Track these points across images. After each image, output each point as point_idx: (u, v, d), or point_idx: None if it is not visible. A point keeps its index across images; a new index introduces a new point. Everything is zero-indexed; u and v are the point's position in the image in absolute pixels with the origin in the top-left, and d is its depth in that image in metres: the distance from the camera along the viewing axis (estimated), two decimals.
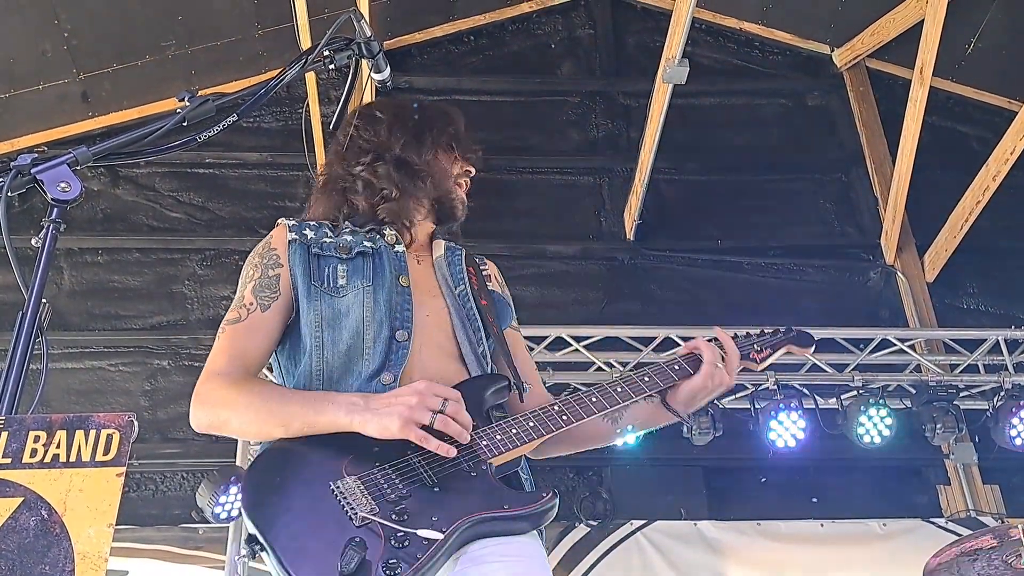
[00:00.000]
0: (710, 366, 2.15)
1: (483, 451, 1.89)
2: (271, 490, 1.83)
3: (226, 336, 2.09)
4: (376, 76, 2.05)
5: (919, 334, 6.23)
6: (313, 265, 2.16)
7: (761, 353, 2.40)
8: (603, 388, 2.10)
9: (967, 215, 6.30)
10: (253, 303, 2.13)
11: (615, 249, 6.71)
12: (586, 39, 7.55)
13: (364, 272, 2.14)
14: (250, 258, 2.23)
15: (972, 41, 6.97)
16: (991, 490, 6.03)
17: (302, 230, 2.23)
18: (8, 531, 1.26)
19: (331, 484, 1.80)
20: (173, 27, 6.27)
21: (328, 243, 2.20)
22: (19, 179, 1.60)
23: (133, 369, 6.19)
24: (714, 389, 2.18)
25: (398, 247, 2.23)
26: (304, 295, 2.13)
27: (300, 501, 1.80)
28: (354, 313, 2.10)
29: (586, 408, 2.05)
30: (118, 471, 1.32)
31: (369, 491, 1.78)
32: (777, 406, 5.60)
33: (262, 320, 2.11)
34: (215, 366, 2.03)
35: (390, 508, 1.75)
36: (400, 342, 2.06)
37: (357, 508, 1.75)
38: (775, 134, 7.36)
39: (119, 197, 6.66)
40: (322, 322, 2.10)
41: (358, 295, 2.11)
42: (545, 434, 1.97)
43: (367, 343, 2.06)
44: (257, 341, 2.10)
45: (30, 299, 1.51)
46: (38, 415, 1.37)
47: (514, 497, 1.85)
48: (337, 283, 2.14)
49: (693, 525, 5.66)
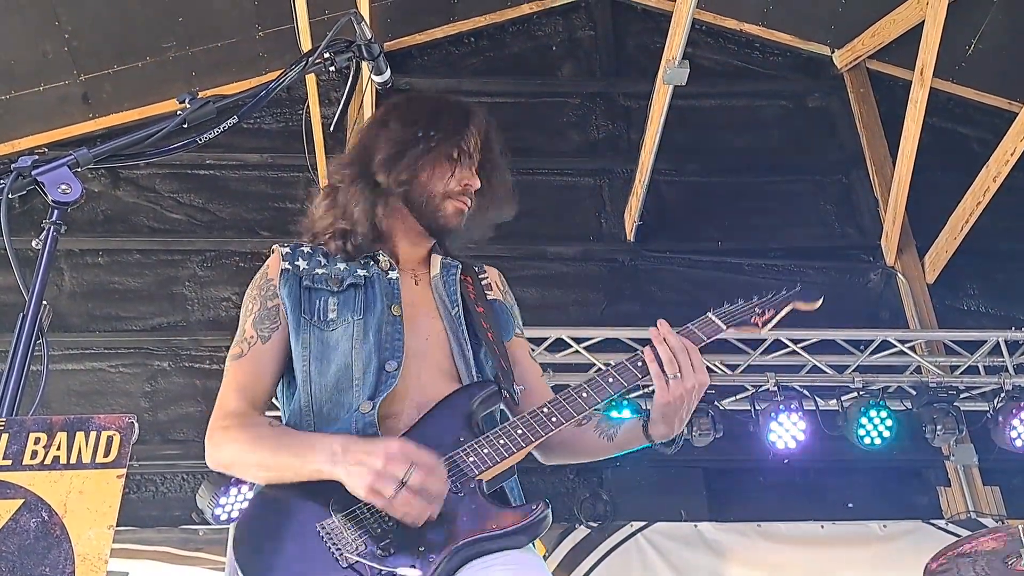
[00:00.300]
0: (659, 380, 1.95)
1: (470, 468, 1.86)
2: (263, 537, 1.84)
3: (231, 373, 2.11)
4: (376, 78, 2.05)
5: (919, 335, 6.23)
6: (304, 298, 2.14)
7: (764, 316, 2.21)
8: (594, 381, 2.01)
9: (967, 216, 6.30)
10: (254, 336, 2.14)
11: (615, 250, 6.71)
12: (586, 40, 7.55)
13: (355, 305, 2.11)
14: (249, 290, 2.23)
15: (972, 42, 6.98)
16: (991, 491, 6.02)
17: (294, 260, 2.20)
18: (9, 533, 1.26)
19: (317, 525, 1.80)
20: (174, 28, 6.28)
21: (320, 275, 2.17)
22: (20, 181, 1.60)
23: (133, 370, 6.18)
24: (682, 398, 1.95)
25: (392, 273, 2.18)
26: (293, 328, 2.11)
27: (290, 546, 1.80)
28: (343, 346, 2.06)
29: (576, 406, 1.97)
30: (118, 473, 1.32)
31: (356, 527, 1.78)
32: (777, 407, 5.60)
33: (263, 352, 2.12)
34: (226, 404, 2.06)
35: (375, 544, 1.75)
36: (389, 372, 2.02)
37: (343, 548, 1.76)
38: (775, 135, 7.36)
39: (120, 198, 6.67)
40: (310, 356, 2.08)
41: (348, 328, 2.08)
42: (534, 440, 1.92)
43: (356, 375, 2.02)
44: (260, 374, 2.11)
45: (31, 301, 1.51)
46: (38, 417, 1.37)
47: (502, 515, 1.81)
48: (327, 316, 2.11)
49: (693, 527, 5.66)
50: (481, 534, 1.77)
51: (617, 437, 2.10)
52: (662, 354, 1.96)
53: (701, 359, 1.99)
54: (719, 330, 2.13)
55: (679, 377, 1.94)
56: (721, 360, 5.85)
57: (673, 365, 1.94)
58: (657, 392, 1.96)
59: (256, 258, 6.19)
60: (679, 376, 1.94)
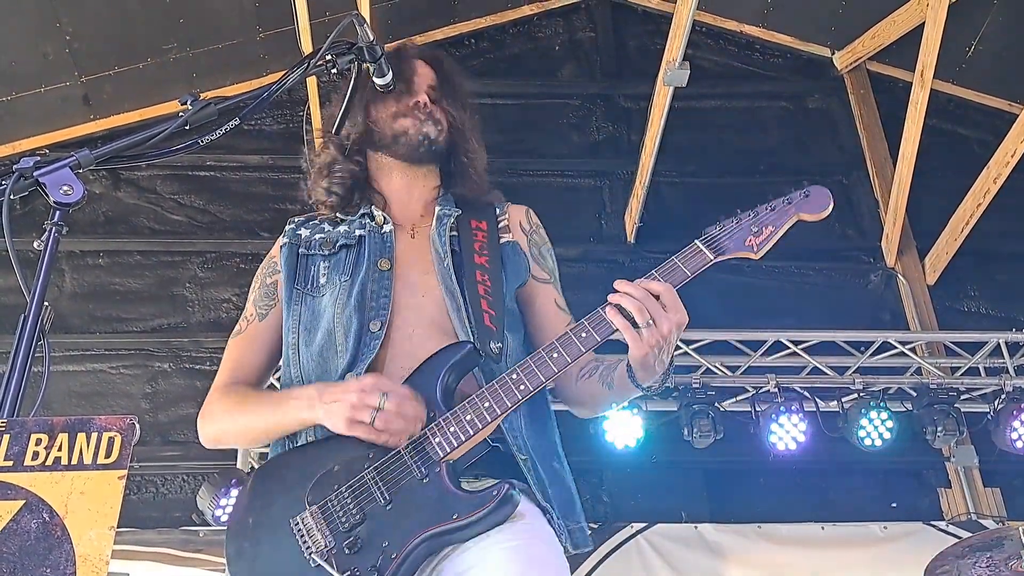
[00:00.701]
0: (628, 333, 1.80)
1: (435, 450, 1.81)
2: (245, 536, 1.86)
3: (228, 350, 2.15)
4: (378, 80, 2.05)
5: (920, 337, 6.22)
6: (300, 266, 2.14)
7: (761, 235, 1.97)
8: (566, 338, 1.87)
9: (968, 218, 6.30)
10: (253, 314, 2.16)
11: (616, 252, 6.72)
12: (587, 42, 7.55)
13: (344, 266, 2.09)
14: (258, 270, 2.26)
15: (973, 44, 6.98)
16: (992, 493, 6.02)
17: (297, 230, 2.21)
18: (9, 534, 1.26)
19: (291, 520, 1.81)
20: (174, 30, 6.28)
21: (317, 240, 2.16)
22: (21, 182, 1.60)
23: (134, 372, 6.19)
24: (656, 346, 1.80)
25: (386, 227, 2.15)
26: (285, 300, 2.11)
27: (268, 546, 1.82)
28: (328, 312, 2.04)
29: (546, 369, 1.84)
30: (119, 474, 1.32)
31: (326, 522, 1.78)
32: (778, 409, 5.60)
33: (260, 329, 2.14)
34: (217, 381, 2.10)
35: (343, 540, 1.75)
36: (373, 332, 1.97)
37: (312, 545, 1.76)
38: (776, 137, 7.36)
39: (120, 199, 6.67)
40: (299, 326, 2.07)
41: (335, 292, 2.05)
42: (500, 413, 1.83)
43: (339, 340, 1.99)
44: (255, 351, 2.13)
45: (32, 302, 1.51)
46: (40, 418, 1.37)
47: (464, 503, 1.76)
48: (318, 282, 2.10)
49: (694, 528, 5.65)
50: (440, 526, 1.74)
51: (614, 385, 1.98)
52: (629, 305, 1.80)
53: (675, 297, 1.84)
54: (707, 262, 1.94)
55: (652, 325, 1.78)
56: (721, 362, 5.84)
57: (644, 314, 1.78)
58: (631, 346, 1.82)
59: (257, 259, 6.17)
60: (652, 324, 1.78)
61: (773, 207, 2.00)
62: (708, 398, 5.65)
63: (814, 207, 2.00)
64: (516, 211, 2.29)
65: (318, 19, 5.59)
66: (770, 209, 1.99)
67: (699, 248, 1.96)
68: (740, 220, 2.00)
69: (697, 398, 5.64)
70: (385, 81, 2.04)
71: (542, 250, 2.28)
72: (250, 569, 1.81)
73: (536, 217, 2.32)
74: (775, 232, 1.97)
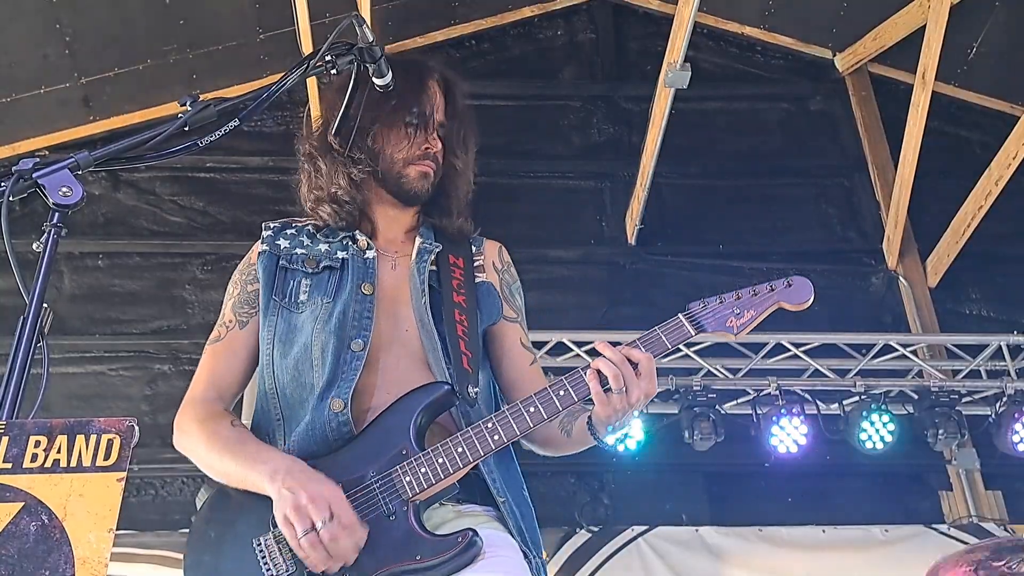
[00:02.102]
0: (598, 396, 1.88)
1: (404, 489, 1.82)
2: (206, 549, 1.86)
3: (205, 357, 2.12)
4: (378, 81, 2.04)
5: (921, 339, 6.22)
6: (279, 278, 2.12)
7: (742, 318, 2.02)
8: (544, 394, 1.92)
9: (969, 220, 6.30)
10: (232, 320, 2.14)
11: (617, 254, 6.71)
12: (588, 44, 7.55)
13: (327, 288, 2.07)
14: (235, 273, 2.22)
15: (974, 46, 6.97)
16: (993, 496, 6.01)
17: (276, 239, 2.19)
18: (8, 536, 1.26)
19: (254, 541, 1.80)
20: (174, 31, 6.27)
21: (298, 255, 2.15)
22: (21, 183, 1.60)
23: (134, 374, 6.18)
24: (621, 411, 1.89)
25: (368, 253, 2.14)
26: (263, 309, 2.09)
27: (228, 562, 1.81)
28: (307, 328, 2.03)
29: (521, 422, 1.89)
30: (119, 476, 1.32)
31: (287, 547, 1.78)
32: (779, 411, 5.60)
33: (239, 338, 2.11)
34: (193, 391, 2.08)
35: (301, 568, 1.76)
36: (354, 352, 1.97)
37: (273, 568, 1.76)
38: (777, 139, 7.35)
39: (120, 201, 6.66)
40: (274, 338, 2.05)
41: (315, 310, 2.04)
42: (472, 460, 1.87)
43: (315, 355, 1.98)
44: (233, 361, 2.10)
45: (31, 304, 1.50)
46: (39, 420, 1.37)
47: (428, 545, 1.78)
48: (298, 298, 2.08)
49: (694, 531, 5.65)
50: (403, 565, 1.75)
51: (572, 433, 2.04)
52: (607, 371, 1.86)
53: (652, 367, 1.90)
54: (687, 335, 2.00)
55: (624, 391, 1.86)
56: (722, 364, 5.84)
57: (619, 381, 1.85)
58: (597, 408, 1.89)
59: None
60: (624, 390, 1.86)
61: (756, 292, 2.06)
62: (709, 401, 5.65)
63: (795, 297, 2.07)
64: (490, 249, 2.32)
65: (318, 20, 5.58)
66: (753, 294, 2.05)
67: (681, 322, 2.01)
68: (724, 301, 2.04)
69: (698, 400, 5.63)
70: (385, 82, 2.03)
71: (512, 289, 2.30)
72: None
73: (508, 255, 2.35)
74: (755, 317, 2.04)
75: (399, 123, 2.15)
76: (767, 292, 2.06)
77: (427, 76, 2.24)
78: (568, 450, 2.10)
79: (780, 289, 2.06)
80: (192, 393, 2.08)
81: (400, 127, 2.15)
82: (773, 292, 2.06)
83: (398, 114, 2.15)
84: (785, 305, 2.06)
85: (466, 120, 2.31)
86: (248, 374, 2.13)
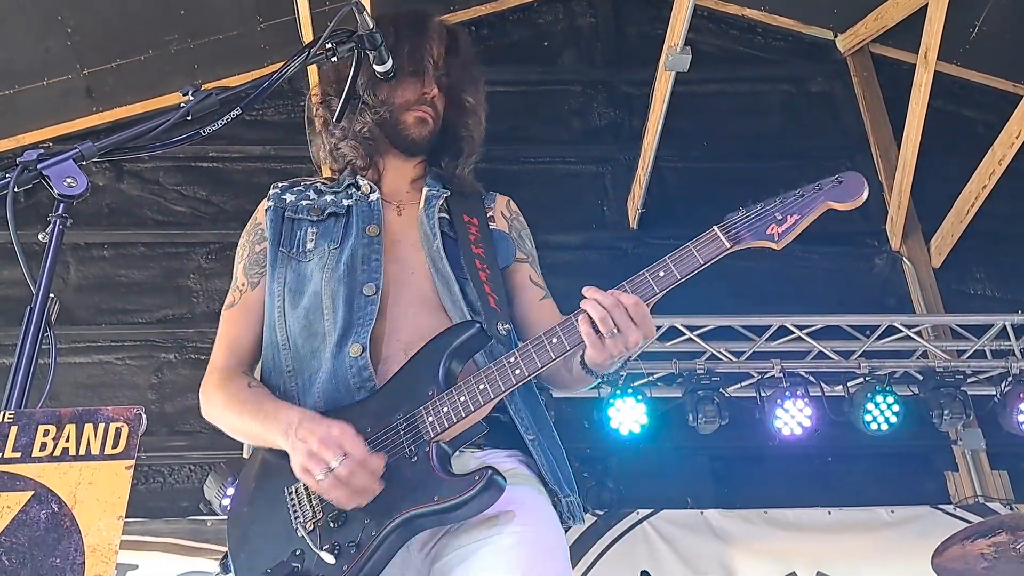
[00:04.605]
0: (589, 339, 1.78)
1: (427, 430, 1.80)
2: (245, 500, 1.89)
3: (223, 323, 2.13)
4: (378, 68, 2.05)
5: (925, 320, 6.22)
6: (285, 230, 2.13)
7: (785, 223, 1.83)
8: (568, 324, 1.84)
9: (973, 200, 6.28)
10: (244, 283, 2.14)
11: (619, 238, 6.71)
12: (587, 28, 7.52)
13: (333, 234, 2.09)
14: (242, 235, 2.23)
15: (976, 25, 6.94)
16: (999, 476, 6.02)
17: (283, 195, 2.21)
18: (19, 524, 1.27)
19: (286, 489, 1.83)
20: (175, 22, 6.27)
21: (303, 205, 2.16)
22: (25, 175, 1.61)
23: (140, 363, 6.21)
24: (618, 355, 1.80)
25: (372, 196, 2.16)
26: (270, 263, 2.09)
27: (262, 511, 1.84)
28: (316, 276, 2.03)
29: (544, 355, 1.82)
30: (127, 464, 1.33)
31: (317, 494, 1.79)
32: (783, 394, 5.60)
33: (252, 299, 2.12)
34: (214, 360, 2.09)
35: (330, 512, 1.77)
36: (367, 296, 1.96)
37: (301, 517, 1.79)
38: (778, 121, 7.33)
39: (124, 191, 6.67)
40: (284, 290, 2.05)
41: (323, 258, 2.05)
42: (494, 396, 1.81)
43: (326, 302, 1.98)
44: (250, 324, 2.11)
45: (38, 294, 1.51)
46: (47, 409, 1.38)
47: (447, 486, 1.74)
48: (305, 247, 2.09)
49: (699, 514, 5.66)
50: (421, 507, 1.73)
51: (573, 371, 1.96)
52: (594, 313, 1.76)
53: (645, 311, 1.80)
54: (722, 249, 1.84)
55: (616, 335, 1.76)
56: (726, 347, 5.84)
57: (607, 323, 1.75)
58: (590, 350, 1.79)
59: None
60: (616, 333, 1.76)
61: (802, 194, 1.87)
62: (713, 384, 5.66)
63: (846, 195, 1.85)
64: (500, 201, 2.34)
65: (319, 9, 5.58)
66: (799, 196, 1.87)
67: (716, 235, 1.86)
68: (765, 206, 1.88)
69: (702, 384, 5.64)
70: (385, 68, 2.05)
71: (522, 234, 2.31)
72: (243, 534, 1.84)
73: (516, 206, 2.36)
74: (800, 220, 1.84)
75: (404, 70, 2.16)
76: (814, 192, 1.87)
77: (426, 24, 2.27)
78: (572, 387, 2.06)
79: (828, 188, 1.87)
80: (213, 361, 2.09)
81: (404, 74, 2.17)
82: (821, 191, 1.86)
83: (404, 60, 2.16)
84: (835, 205, 1.85)
85: (470, 62, 2.34)
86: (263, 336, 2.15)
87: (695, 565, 5.43)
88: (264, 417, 1.89)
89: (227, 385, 2.01)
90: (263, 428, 1.88)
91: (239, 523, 1.87)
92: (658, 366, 5.73)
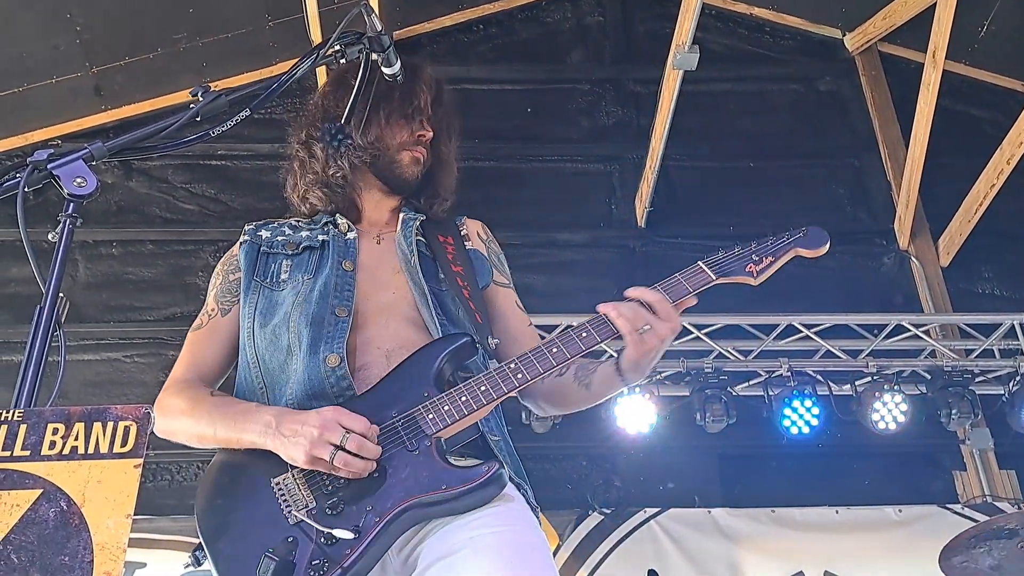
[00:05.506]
0: (631, 336, 1.91)
1: (428, 425, 1.83)
2: (219, 492, 1.87)
3: (187, 343, 2.15)
4: (387, 70, 2.06)
5: (934, 319, 6.20)
6: (260, 263, 2.17)
7: (760, 263, 2.07)
8: (567, 335, 1.94)
9: (981, 199, 6.27)
10: (215, 309, 2.17)
11: (626, 236, 6.70)
12: (595, 26, 7.52)
13: (308, 267, 2.13)
14: (217, 265, 2.28)
15: (985, 24, 6.92)
16: (1007, 475, 6.00)
17: (258, 231, 2.26)
18: (28, 522, 1.27)
19: (272, 480, 1.82)
20: (183, 20, 6.28)
21: (280, 240, 2.21)
22: (35, 174, 1.61)
23: (148, 360, 6.22)
24: (653, 349, 1.93)
25: (350, 234, 2.20)
26: (244, 290, 2.13)
27: (243, 502, 1.82)
28: (288, 300, 2.07)
29: (544, 362, 1.90)
30: (136, 462, 1.33)
31: (308, 483, 1.80)
32: (791, 393, 5.60)
33: (221, 325, 2.15)
34: (173, 374, 2.11)
35: (325, 501, 1.76)
36: (340, 316, 2.00)
37: (293, 506, 1.77)
38: (786, 119, 7.32)
39: (132, 189, 6.69)
40: (255, 313, 2.08)
41: (296, 287, 2.09)
42: (496, 397, 1.87)
43: (293, 318, 2.01)
44: (215, 346, 2.14)
45: (47, 293, 1.52)
46: (56, 407, 1.39)
47: (455, 475, 1.78)
48: (279, 277, 2.13)
49: (707, 513, 5.66)
50: (427, 495, 1.75)
51: (592, 385, 2.06)
52: (626, 311, 1.92)
53: (671, 307, 1.94)
54: (708, 280, 2.03)
55: (650, 329, 1.90)
56: (734, 346, 5.84)
57: (640, 320, 1.90)
58: (629, 347, 1.92)
59: None
60: (650, 328, 1.90)
61: (774, 240, 2.12)
62: (721, 382, 5.65)
63: (811, 244, 2.11)
64: (472, 224, 2.40)
65: (327, 7, 5.59)
66: (772, 241, 2.11)
67: (702, 268, 2.06)
68: (743, 248, 2.11)
69: (710, 382, 5.64)
70: (393, 71, 2.06)
71: (500, 258, 2.38)
72: (221, 524, 1.80)
73: (490, 231, 2.43)
74: (774, 262, 2.08)
75: (397, 113, 2.26)
76: (785, 239, 2.11)
77: (419, 73, 2.34)
78: (582, 403, 2.12)
79: (797, 237, 2.12)
80: (172, 375, 2.11)
81: (397, 117, 2.26)
82: (791, 239, 2.11)
83: (396, 104, 2.26)
84: (802, 252, 2.11)
85: (451, 114, 2.43)
86: (230, 360, 2.16)
87: (702, 564, 5.43)
88: (234, 420, 1.90)
89: (187, 392, 2.02)
90: (235, 430, 1.88)
91: (214, 515, 1.83)
92: (666, 364, 5.73)
